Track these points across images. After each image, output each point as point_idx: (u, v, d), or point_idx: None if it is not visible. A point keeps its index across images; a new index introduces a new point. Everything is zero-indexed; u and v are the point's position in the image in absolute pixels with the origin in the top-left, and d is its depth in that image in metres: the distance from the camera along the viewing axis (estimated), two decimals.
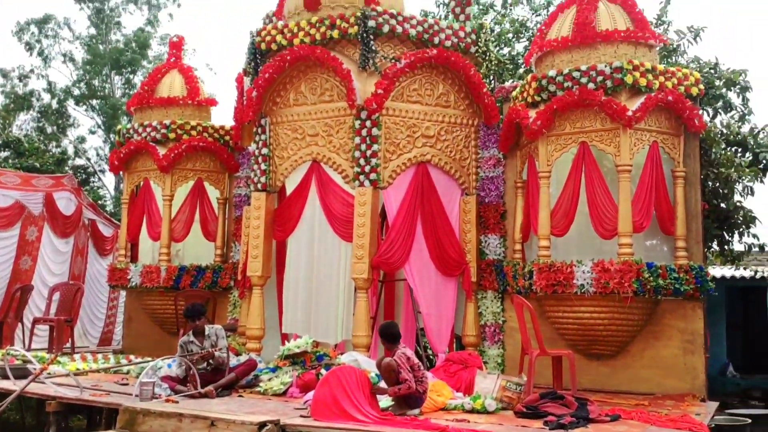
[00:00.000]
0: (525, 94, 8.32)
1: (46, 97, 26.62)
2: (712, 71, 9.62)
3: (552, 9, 12.40)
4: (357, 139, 8.48)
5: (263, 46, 9.17)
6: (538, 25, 12.49)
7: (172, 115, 10.86)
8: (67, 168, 24.16)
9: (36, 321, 10.28)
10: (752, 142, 9.43)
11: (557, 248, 8.15)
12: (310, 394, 5.92)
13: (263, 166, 9.15)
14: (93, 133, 27.14)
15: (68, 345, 10.28)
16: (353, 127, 8.56)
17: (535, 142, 8.12)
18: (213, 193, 10.99)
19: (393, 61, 8.59)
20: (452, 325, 8.84)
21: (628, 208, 7.51)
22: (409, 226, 8.62)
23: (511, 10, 12.41)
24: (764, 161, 9.41)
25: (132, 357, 9.15)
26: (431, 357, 8.89)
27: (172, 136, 10.59)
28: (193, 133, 10.69)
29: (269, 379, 7.00)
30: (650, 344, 7.88)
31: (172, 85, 11.00)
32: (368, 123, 8.45)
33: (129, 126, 11.05)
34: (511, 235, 8.79)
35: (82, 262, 12.02)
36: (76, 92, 26.65)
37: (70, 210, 11.62)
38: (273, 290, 9.59)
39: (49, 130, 26.94)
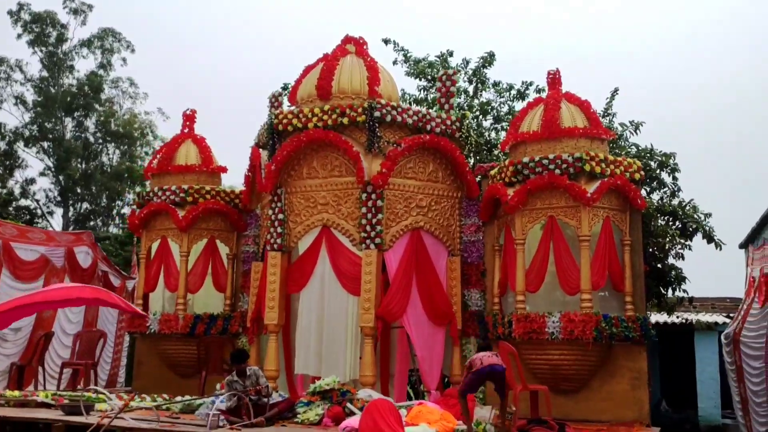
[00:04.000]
0: (503, 175, 10.18)
1: None
2: (648, 155, 11.76)
3: (513, 92, 14.63)
4: (364, 209, 10.13)
5: (280, 127, 10.78)
6: (503, 106, 14.63)
7: (188, 180, 12.29)
8: (10, 208, 24.68)
9: (65, 365, 11.36)
10: (681, 213, 11.56)
11: (528, 301, 9.93)
12: (349, 421, 7.42)
13: (279, 230, 10.65)
14: (44, 175, 27.69)
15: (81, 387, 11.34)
16: (360, 198, 10.22)
17: (512, 215, 9.95)
18: (223, 249, 12.39)
19: (393, 144, 10.34)
20: (441, 366, 10.45)
21: (587, 270, 9.38)
22: (407, 282, 10.27)
23: (480, 94, 14.47)
24: (690, 229, 11.55)
25: (165, 396, 10.34)
26: (423, 392, 10.46)
27: (189, 199, 12.02)
28: (208, 196, 12.14)
29: (304, 412, 8.44)
30: (606, 381, 9.68)
31: (188, 154, 12.46)
32: (373, 196, 10.13)
33: (148, 190, 12.39)
34: (490, 289, 10.54)
35: (95, 309, 13.13)
36: (27, 134, 27.22)
37: (87, 263, 12.78)
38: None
39: None
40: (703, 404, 16.58)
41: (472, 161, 12.05)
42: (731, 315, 17.60)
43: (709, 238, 11.51)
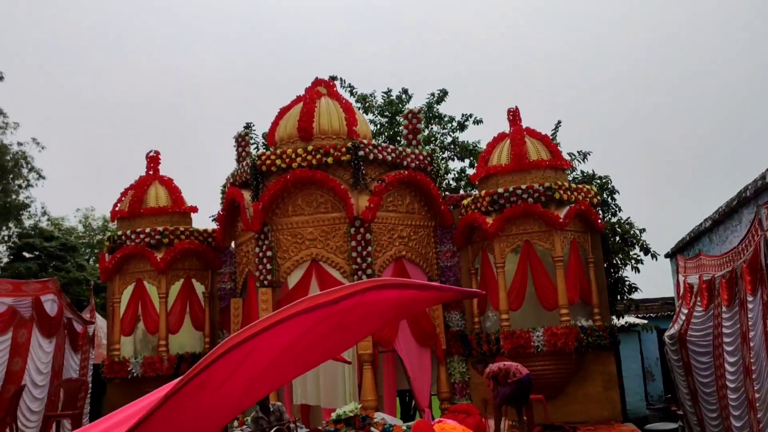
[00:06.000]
0: (478, 205, 11.14)
1: None
2: (590, 180, 13.17)
3: (453, 124, 15.76)
4: (353, 243, 10.75)
5: (264, 167, 11.20)
6: (446, 137, 15.70)
7: (161, 222, 12.36)
8: None
9: (50, 417, 11.05)
10: (620, 230, 13.03)
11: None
12: None
13: (268, 266, 11.04)
14: None
15: None
16: (348, 233, 10.83)
17: (490, 240, 10.92)
18: (199, 288, 12.53)
19: (377, 181, 11.05)
20: (430, 385, 11.21)
21: (563, 287, 10.50)
22: None
23: (431, 127, 15.48)
24: (629, 243, 13.05)
25: None
26: (419, 410, 11.16)
27: (165, 240, 12.10)
28: (182, 237, 12.27)
29: None
30: (581, 385, 10.82)
31: (158, 196, 12.53)
32: (362, 230, 10.78)
33: (120, 233, 12.32)
34: (469, 311, 11.43)
35: (60, 358, 12.74)
36: None
37: (54, 311, 12.39)
38: None
39: None
40: (630, 398, 18.29)
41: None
42: (646, 315, 19.64)
43: (646, 250, 13.05)
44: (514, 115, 11.73)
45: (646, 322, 18.82)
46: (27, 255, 22.53)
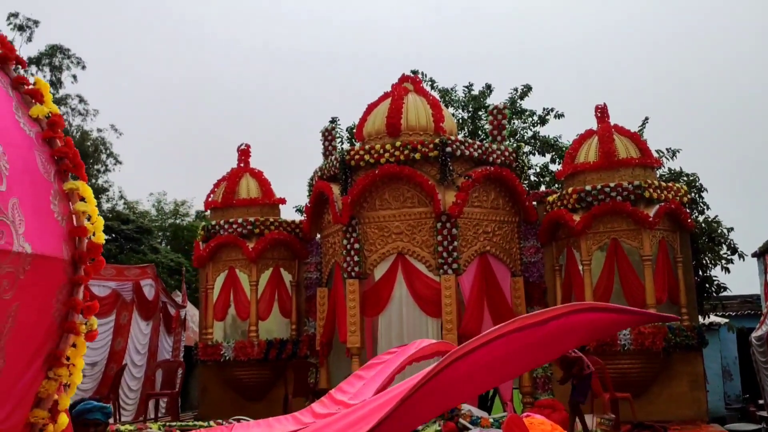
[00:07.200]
0: (565, 201, 11.19)
1: None
2: (677, 177, 12.98)
3: (534, 118, 15.73)
4: (439, 237, 10.97)
5: (352, 162, 11.51)
6: (526, 131, 15.70)
7: (252, 213, 12.89)
8: None
9: (150, 395, 11.78)
10: (707, 229, 12.82)
11: None
12: None
13: (356, 258, 11.37)
14: None
15: (148, 416, 11.80)
16: (434, 227, 11.05)
17: (577, 237, 10.97)
18: (286, 277, 13.03)
19: (464, 176, 11.22)
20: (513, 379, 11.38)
21: (652, 286, 10.47)
22: (480, 303, 11.16)
23: (513, 123, 15.52)
24: (717, 241, 12.84)
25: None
26: (503, 403, 11.36)
27: (256, 231, 12.62)
28: (272, 228, 12.77)
29: (423, 429, 9.20)
30: (666, 384, 10.78)
31: (249, 188, 13.07)
32: (448, 225, 10.98)
33: (214, 223, 12.91)
34: (553, 306, 11.51)
35: (156, 339, 13.54)
36: None
37: (151, 295, 13.19)
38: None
39: None
40: (710, 398, 17.99)
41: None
42: (725, 313, 19.20)
43: (733, 249, 12.80)
44: (602, 112, 11.69)
45: (726, 320, 18.43)
46: (106, 237, 23.54)
